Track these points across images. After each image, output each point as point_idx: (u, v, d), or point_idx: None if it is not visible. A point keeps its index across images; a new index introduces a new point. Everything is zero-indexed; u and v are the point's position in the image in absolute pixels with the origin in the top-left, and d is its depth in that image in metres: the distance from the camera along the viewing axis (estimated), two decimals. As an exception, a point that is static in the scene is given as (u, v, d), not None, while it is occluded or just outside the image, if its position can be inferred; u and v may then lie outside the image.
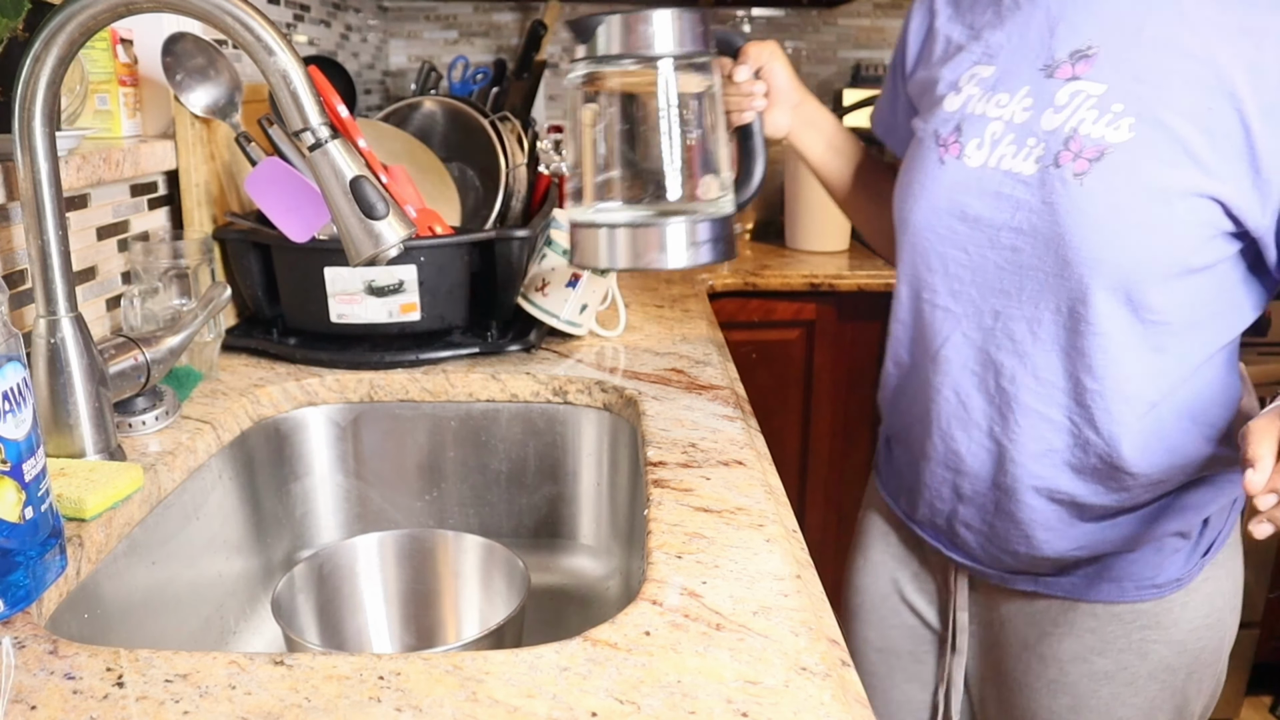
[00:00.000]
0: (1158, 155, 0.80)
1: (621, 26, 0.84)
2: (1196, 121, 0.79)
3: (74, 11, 0.73)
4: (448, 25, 2.47)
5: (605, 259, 0.87)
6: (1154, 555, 0.94)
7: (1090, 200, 0.81)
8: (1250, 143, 0.78)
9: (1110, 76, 0.82)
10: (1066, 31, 0.86)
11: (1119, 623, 0.96)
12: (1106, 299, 0.83)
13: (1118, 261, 0.81)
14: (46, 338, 0.80)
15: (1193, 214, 0.80)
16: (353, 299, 1.11)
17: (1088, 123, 0.82)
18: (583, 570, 1.12)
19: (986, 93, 0.91)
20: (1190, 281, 0.83)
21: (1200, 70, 0.79)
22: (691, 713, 0.52)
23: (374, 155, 1.19)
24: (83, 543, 0.71)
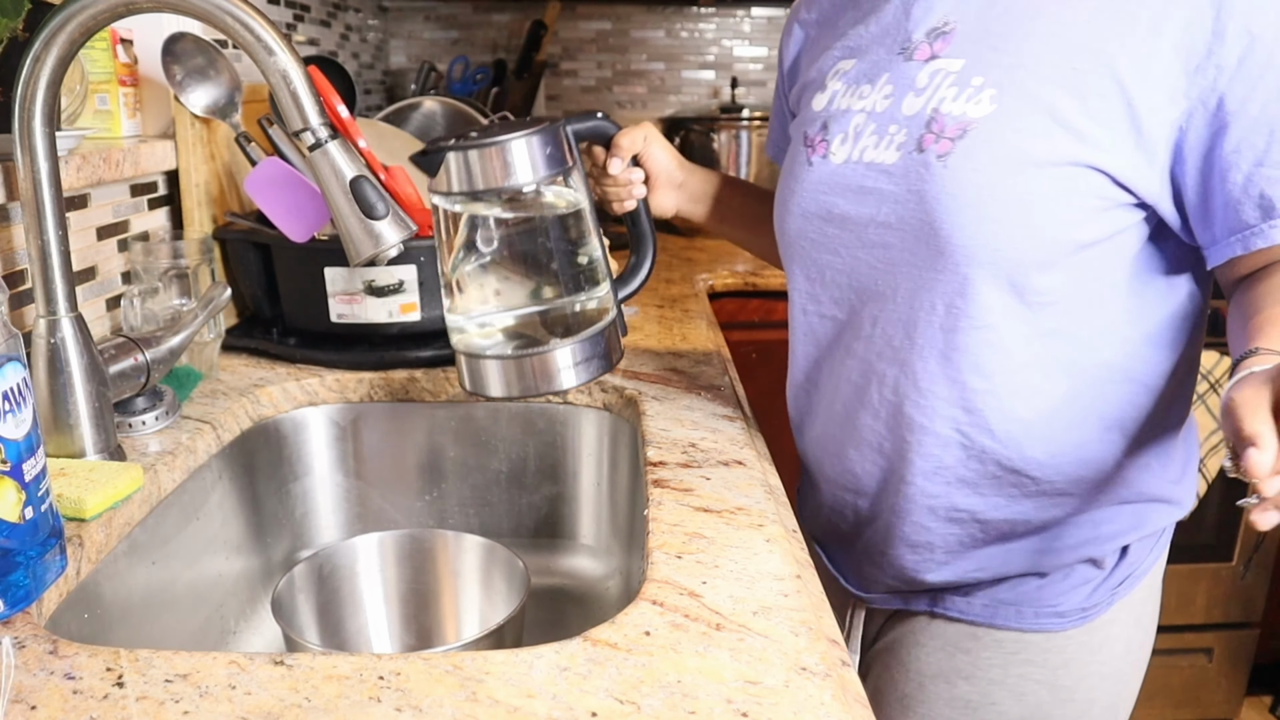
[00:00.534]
0: (1023, 125, 0.73)
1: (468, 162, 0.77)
2: (1062, 84, 0.73)
3: (74, 11, 0.73)
4: (448, 25, 2.47)
5: (497, 389, 0.84)
6: (1062, 580, 0.86)
7: (956, 181, 0.75)
8: (1127, 100, 0.71)
9: (968, 50, 0.77)
10: (922, 12, 0.81)
11: (999, 650, 0.87)
12: (988, 288, 0.76)
13: (993, 245, 0.75)
14: (46, 338, 0.80)
15: (1070, 184, 0.73)
16: (353, 299, 1.11)
17: (948, 101, 0.77)
18: (583, 570, 1.12)
19: (850, 86, 0.85)
20: (1083, 258, 0.76)
21: (1062, 30, 0.73)
22: (691, 713, 0.52)
23: (374, 155, 1.19)
24: (83, 543, 0.71)
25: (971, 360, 0.78)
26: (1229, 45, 0.69)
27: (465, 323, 0.84)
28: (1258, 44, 0.68)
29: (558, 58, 2.49)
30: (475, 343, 0.85)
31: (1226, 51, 0.69)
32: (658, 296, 1.55)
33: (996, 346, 0.78)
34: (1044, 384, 0.79)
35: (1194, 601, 2.11)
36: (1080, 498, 0.83)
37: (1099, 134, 0.72)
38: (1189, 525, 2.02)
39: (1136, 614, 0.89)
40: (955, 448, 0.82)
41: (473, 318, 0.85)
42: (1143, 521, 0.85)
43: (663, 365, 1.15)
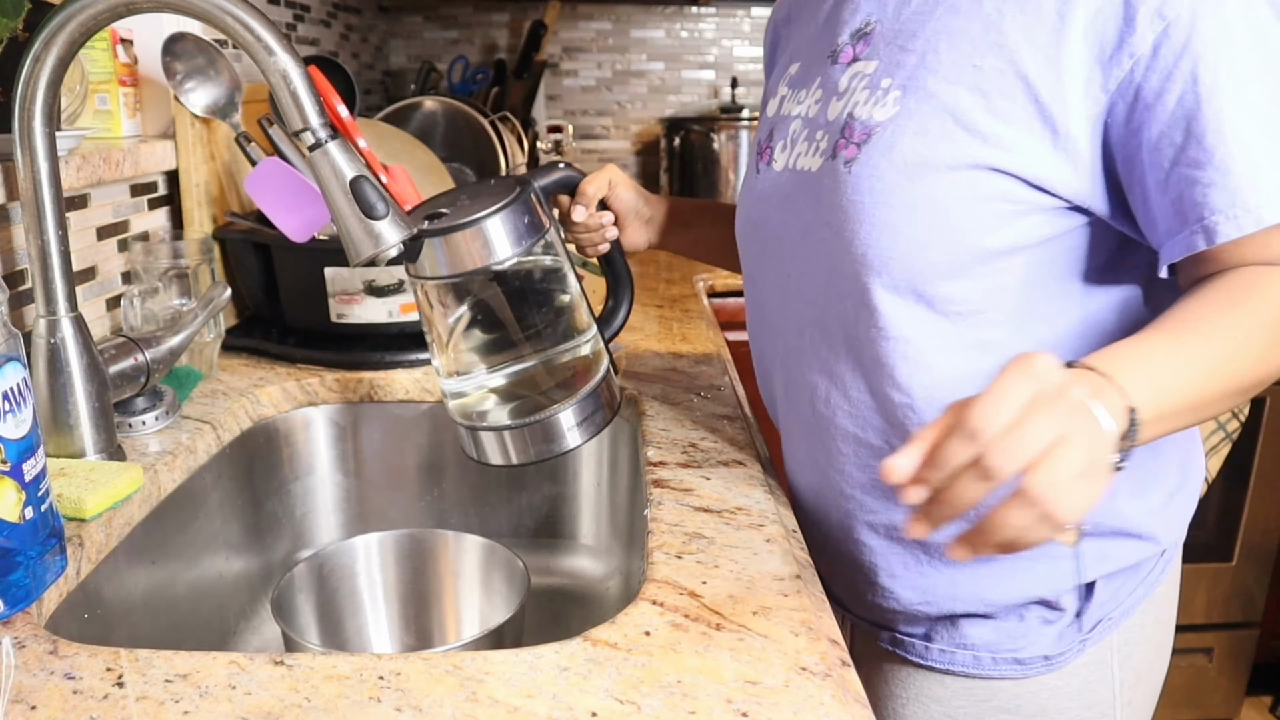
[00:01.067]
0: (922, 128, 0.68)
1: (446, 247, 0.75)
2: (965, 83, 0.67)
3: (74, 11, 0.73)
4: (448, 25, 2.47)
5: (501, 459, 0.83)
6: (1016, 623, 0.79)
7: (856, 188, 0.71)
8: (1034, 98, 0.65)
9: (882, 51, 0.73)
10: (849, 13, 0.78)
11: (970, 698, 0.82)
12: (890, 299, 0.72)
13: (890, 254, 0.70)
14: (46, 338, 0.80)
15: (973, 189, 0.68)
16: (353, 299, 1.11)
17: (860, 104, 0.73)
18: (583, 570, 1.12)
19: (792, 91, 0.83)
20: (1006, 265, 0.70)
21: (965, 24, 0.68)
22: (691, 713, 0.52)
23: (374, 155, 1.19)
24: (83, 543, 0.71)
25: (888, 373, 0.74)
26: (1141, 32, 0.62)
27: (458, 387, 0.83)
28: (1173, 29, 0.62)
29: (558, 58, 2.49)
30: (472, 409, 0.83)
31: (1138, 39, 0.63)
32: (658, 296, 1.55)
33: (913, 360, 0.73)
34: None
35: (1194, 601, 2.11)
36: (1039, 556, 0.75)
37: (1006, 135, 0.66)
38: (1189, 525, 2.02)
39: (1121, 655, 0.81)
40: (857, 457, 0.78)
41: (465, 381, 0.83)
42: (1105, 556, 0.77)
43: (663, 365, 1.15)
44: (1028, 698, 0.80)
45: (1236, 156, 0.61)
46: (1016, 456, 0.49)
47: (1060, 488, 0.49)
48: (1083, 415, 0.51)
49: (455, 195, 0.80)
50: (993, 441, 0.49)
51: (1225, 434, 1.97)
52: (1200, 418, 0.63)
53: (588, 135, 2.55)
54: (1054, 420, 0.49)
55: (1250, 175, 0.61)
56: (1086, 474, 0.50)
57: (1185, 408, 0.59)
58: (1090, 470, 0.50)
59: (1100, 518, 0.76)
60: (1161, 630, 0.84)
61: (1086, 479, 0.50)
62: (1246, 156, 0.61)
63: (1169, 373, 0.58)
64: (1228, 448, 1.98)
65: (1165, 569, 0.82)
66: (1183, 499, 0.81)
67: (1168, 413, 0.58)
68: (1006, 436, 0.49)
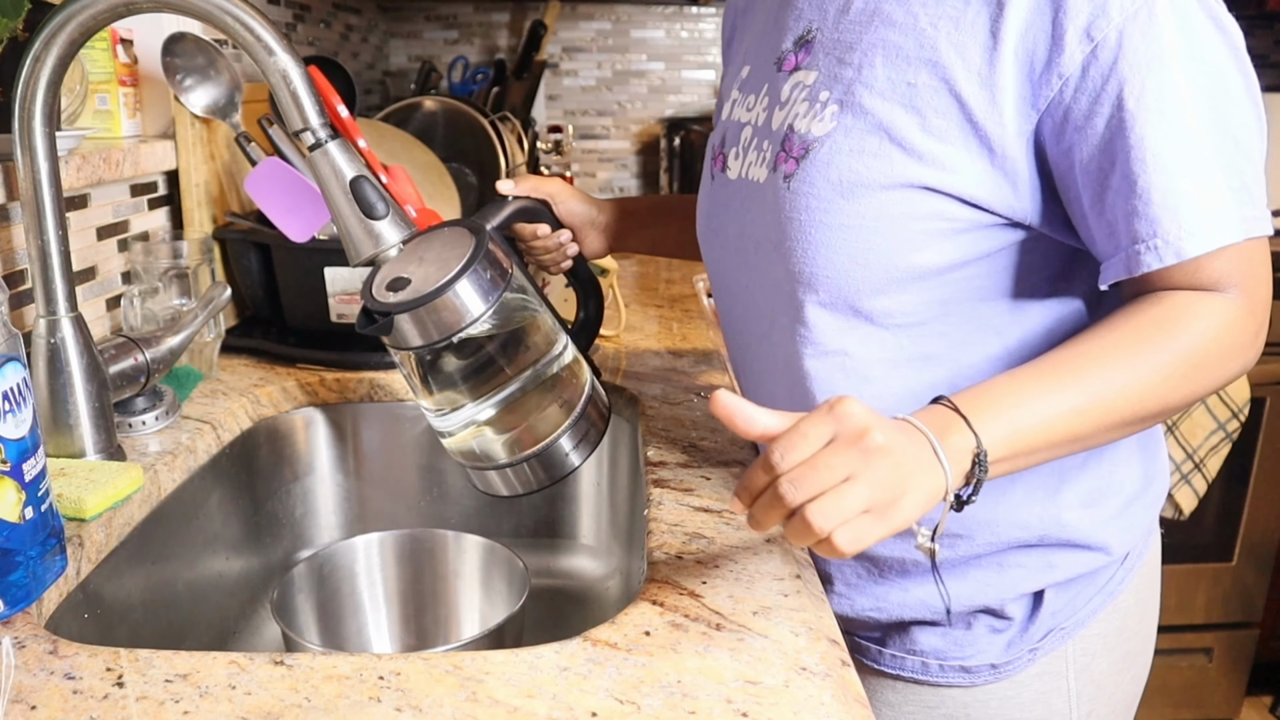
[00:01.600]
0: (857, 145, 0.68)
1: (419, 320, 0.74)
2: (900, 100, 0.66)
3: (74, 11, 0.73)
4: (448, 25, 2.47)
5: (508, 490, 0.83)
6: (964, 632, 0.79)
7: (793, 205, 0.70)
8: (968, 116, 0.65)
9: (821, 62, 0.72)
10: (791, 18, 0.76)
11: (919, 704, 0.81)
12: (825, 315, 0.72)
13: (825, 273, 0.70)
14: (46, 338, 0.80)
15: (908, 208, 0.67)
16: (353, 299, 1.11)
17: (800, 117, 0.72)
18: (583, 570, 1.12)
19: (743, 95, 0.81)
20: (948, 280, 0.70)
21: (900, 39, 0.67)
22: (691, 713, 0.52)
23: (374, 155, 1.19)
24: (83, 543, 0.71)
25: (826, 387, 0.74)
26: (1069, 53, 0.62)
27: (447, 426, 0.82)
28: (1100, 51, 0.61)
29: (558, 58, 2.49)
30: (468, 446, 0.83)
31: (1067, 60, 0.62)
32: (658, 296, 1.55)
33: (853, 372, 0.73)
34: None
35: (1194, 601, 2.11)
36: (970, 539, 0.76)
37: (942, 154, 0.66)
38: (1189, 525, 2.02)
39: (1081, 666, 0.79)
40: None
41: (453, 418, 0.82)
42: (1052, 566, 0.76)
43: (663, 365, 1.15)
44: (976, 706, 0.80)
45: (1158, 185, 0.61)
46: (805, 489, 0.54)
47: (831, 519, 0.53)
48: (880, 456, 0.55)
49: (414, 251, 0.79)
50: (785, 475, 0.54)
51: (1225, 434, 1.97)
52: (1083, 448, 0.64)
53: (588, 135, 2.55)
54: (847, 460, 0.54)
55: (1171, 206, 0.61)
56: (874, 510, 0.54)
57: (1048, 445, 0.62)
58: (881, 506, 0.55)
59: (1049, 529, 0.75)
60: (1129, 639, 0.82)
61: (875, 514, 0.55)
62: (1169, 186, 0.61)
63: (1031, 416, 0.60)
64: (1228, 448, 1.98)
65: (1127, 577, 0.80)
66: (1141, 506, 0.80)
67: (1023, 451, 0.61)
68: (798, 470, 0.54)
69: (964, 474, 0.59)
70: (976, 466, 0.59)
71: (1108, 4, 0.61)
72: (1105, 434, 0.63)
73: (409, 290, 0.74)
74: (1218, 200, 0.62)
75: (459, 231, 0.79)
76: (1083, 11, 0.61)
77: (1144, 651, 0.85)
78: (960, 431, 0.59)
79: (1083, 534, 0.76)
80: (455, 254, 0.75)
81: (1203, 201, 0.61)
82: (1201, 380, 0.64)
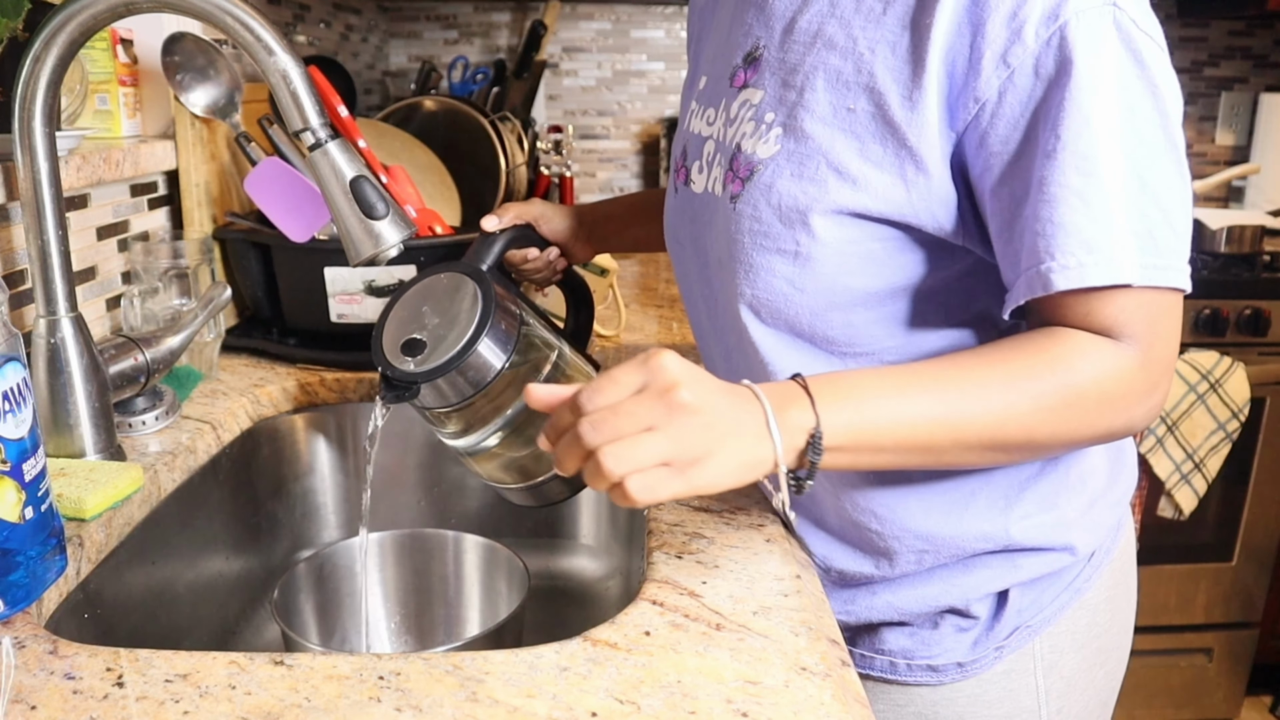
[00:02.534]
0: (798, 170, 0.68)
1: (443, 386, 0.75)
2: (840, 126, 0.66)
3: (74, 11, 0.73)
4: (448, 25, 2.47)
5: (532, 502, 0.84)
6: (930, 630, 0.79)
7: (738, 226, 0.71)
8: (904, 142, 0.64)
9: (767, 81, 0.72)
10: (740, 33, 0.75)
11: (889, 703, 0.82)
12: (771, 338, 0.72)
13: (764, 296, 0.70)
14: (46, 338, 0.80)
15: (841, 233, 0.67)
16: (353, 299, 1.11)
17: (747, 137, 0.72)
18: (583, 570, 1.12)
19: (702, 107, 0.81)
20: (890, 303, 0.70)
21: (840, 64, 0.67)
22: (691, 713, 0.52)
23: (374, 155, 1.19)
24: (83, 543, 0.71)
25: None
26: (985, 77, 0.62)
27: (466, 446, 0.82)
28: (1017, 77, 0.61)
29: (558, 58, 2.49)
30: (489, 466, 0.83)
31: (984, 84, 0.62)
32: (657, 296, 1.55)
33: None
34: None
35: (1194, 601, 2.11)
36: (935, 553, 0.76)
37: (878, 181, 0.66)
38: (1189, 525, 2.02)
39: (1049, 664, 0.79)
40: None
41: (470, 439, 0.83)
42: (1018, 568, 0.76)
43: (663, 365, 1.15)
44: (944, 704, 0.80)
45: (1063, 217, 0.60)
46: (604, 432, 0.54)
47: (624, 465, 0.54)
48: (687, 413, 0.55)
49: (415, 304, 0.79)
50: (587, 416, 0.55)
51: (1225, 434, 1.97)
52: (938, 463, 0.63)
53: (588, 135, 2.55)
54: (650, 410, 0.55)
55: (1074, 234, 0.60)
56: (675, 464, 0.55)
57: (895, 447, 0.61)
58: (683, 463, 0.55)
59: (1011, 535, 0.75)
60: (1100, 635, 0.82)
61: (675, 469, 0.55)
62: (1072, 219, 0.60)
63: (882, 410, 0.60)
64: (1228, 448, 1.98)
65: (1095, 575, 0.80)
66: (1106, 504, 0.79)
67: (865, 446, 0.60)
68: (600, 413, 0.55)
69: (797, 451, 0.59)
70: (810, 448, 0.58)
71: (1023, 30, 0.60)
72: (963, 452, 0.62)
73: (428, 354, 0.75)
74: (1119, 239, 0.60)
75: (457, 278, 0.79)
76: (999, 36, 0.61)
77: (1118, 647, 0.85)
78: (802, 409, 0.58)
79: (1046, 537, 0.75)
80: (463, 307, 0.76)
81: (1093, 239, 0.60)
82: (1076, 421, 0.62)
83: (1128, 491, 0.82)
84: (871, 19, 0.66)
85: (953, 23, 0.62)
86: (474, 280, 0.77)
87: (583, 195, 2.55)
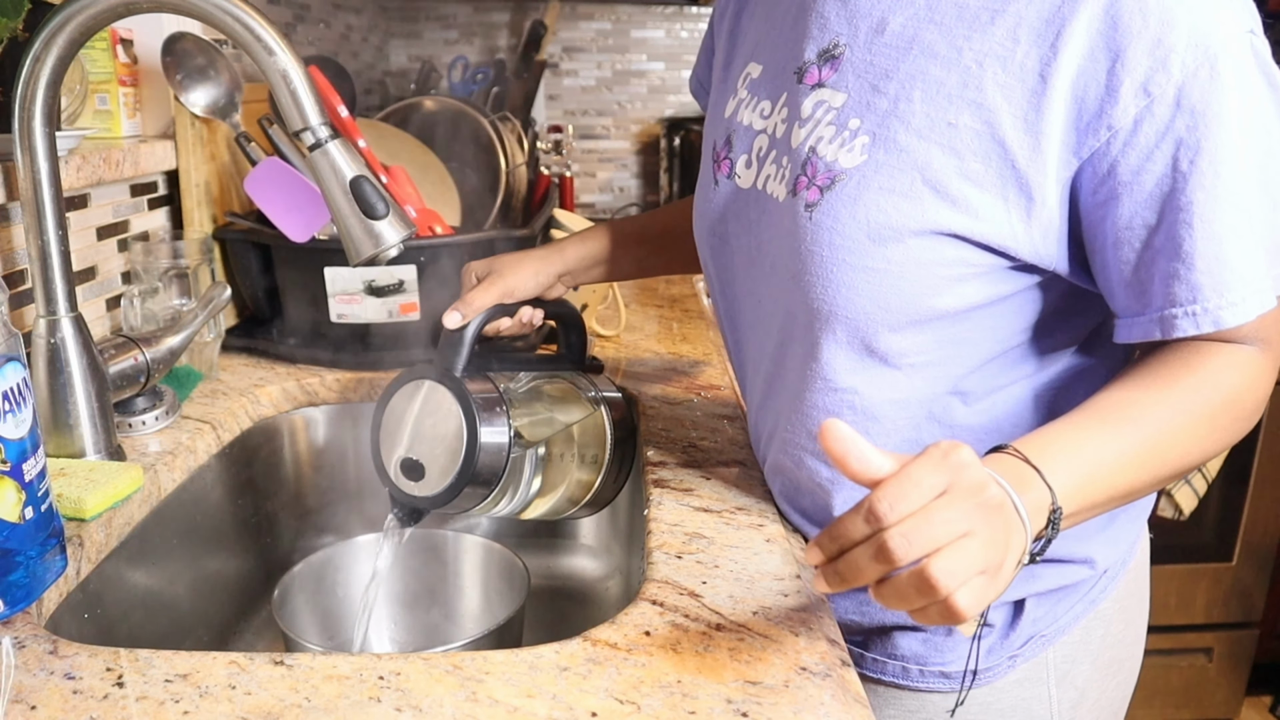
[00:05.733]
0: (888, 183, 0.64)
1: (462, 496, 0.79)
2: (939, 141, 0.63)
3: (74, 11, 0.73)
4: (448, 25, 2.47)
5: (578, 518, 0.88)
6: (943, 638, 0.78)
7: (816, 238, 0.67)
8: (1011, 163, 0.61)
9: (851, 83, 0.67)
10: (815, 25, 0.70)
11: (900, 709, 0.80)
12: (840, 352, 0.69)
13: (844, 311, 0.67)
14: (46, 338, 0.80)
15: (934, 254, 0.64)
16: (353, 299, 1.11)
17: (825, 142, 0.67)
18: (583, 570, 1.12)
19: (753, 97, 0.76)
20: (961, 320, 0.68)
21: (944, 74, 0.63)
22: (691, 713, 0.52)
23: (374, 155, 1.19)
24: (83, 543, 0.71)
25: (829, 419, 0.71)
26: (1123, 105, 0.59)
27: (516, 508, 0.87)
28: (1156, 107, 0.58)
29: (558, 58, 2.49)
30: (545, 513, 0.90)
31: (1120, 112, 0.59)
32: (658, 296, 1.55)
33: (861, 410, 0.71)
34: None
35: (1194, 601, 2.11)
36: None
37: (976, 200, 0.62)
38: (1189, 525, 2.02)
39: (1062, 673, 0.78)
40: (821, 494, 0.75)
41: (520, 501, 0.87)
42: (1036, 578, 0.75)
43: (663, 365, 1.15)
44: (957, 711, 0.79)
45: (1204, 252, 0.60)
46: (919, 544, 0.48)
47: (957, 578, 0.48)
48: (996, 513, 0.51)
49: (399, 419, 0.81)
50: (896, 527, 0.49)
51: (1225, 434, 1.97)
52: (1123, 504, 0.63)
53: (588, 135, 2.55)
54: (965, 514, 0.49)
55: (1215, 274, 0.60)
56: (989, 571, 0.50)
57: (1109, 499, 0.60)
58: (994, 568, 0.50)
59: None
60: (1114, 646, 0.81)
61: (988, 576, 0.50)
62: (1216, 253, 0.60)
63: (1099, 468, 0.59)
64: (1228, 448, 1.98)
65: (1111, 586, 0.80)
66: (1127, 519, 0.79)
67: (1089, 506, 0.59)
68: (912, 522, 0.49)
69: (1037, 532, 0.55)
70: (1050, 526, 0.56)
71: (1168, 59, 0.58)
72: (1152, 486, 0.62)
73: (429, 476, 0.80)
74: (1260, 269, 0.60)
75: (435, 388, 0.80)
76: (1141, 64, 0.58)
77: (1131, 658, 0.85)
78: (1037, 487, 0.56)
79: (1068, 550, 0.75)
80: (450, 427, 0.79)
81: (1246, 272, 0.60)
82: (1232, 430, 0.64)
83: (1147, 506, 0.82)
84: (977, 28, 0.62)
85: (1086, 47, 0.59)
86: (450, 390, 0.79)
87: (583, 195, 2.56)
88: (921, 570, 0.48)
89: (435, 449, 0.79)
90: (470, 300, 0.85)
